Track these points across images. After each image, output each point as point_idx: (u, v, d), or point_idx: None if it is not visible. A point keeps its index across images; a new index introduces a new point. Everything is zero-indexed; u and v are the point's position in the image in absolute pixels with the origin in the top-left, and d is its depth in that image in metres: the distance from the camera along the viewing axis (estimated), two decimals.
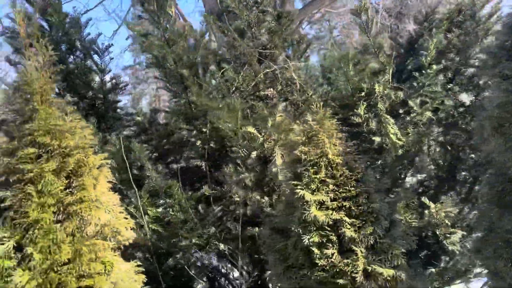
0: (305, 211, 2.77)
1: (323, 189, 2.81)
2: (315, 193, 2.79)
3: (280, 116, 4.08)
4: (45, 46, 2.97)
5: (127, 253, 3.05)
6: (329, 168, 2.88)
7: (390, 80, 5.24)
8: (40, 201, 2.51)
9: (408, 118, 5.62)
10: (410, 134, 4.97)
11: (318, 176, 2.83)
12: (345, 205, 2.80)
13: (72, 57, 5.28)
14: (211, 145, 5.36)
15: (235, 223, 4.78)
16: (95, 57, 5.14)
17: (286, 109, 5.35)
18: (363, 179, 2.92)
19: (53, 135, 2.66)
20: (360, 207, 2.81)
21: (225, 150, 5.49)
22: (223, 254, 5.01)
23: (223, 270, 5.11)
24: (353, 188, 2.85)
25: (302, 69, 6.29)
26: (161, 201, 4.75)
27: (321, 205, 2.81)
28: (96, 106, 5.23)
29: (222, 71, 5.61)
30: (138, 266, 2.95)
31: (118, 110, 5.29)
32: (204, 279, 4.95)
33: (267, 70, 5.89)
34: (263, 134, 4.02)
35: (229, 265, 5.13)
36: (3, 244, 2.40)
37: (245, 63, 5.95)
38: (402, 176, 5.42)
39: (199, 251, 4.83)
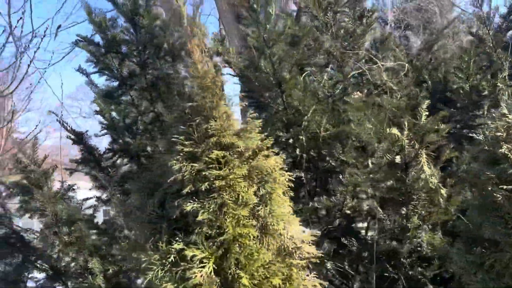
0: None
1: None
2: None
3: (426, 114, 3.66)
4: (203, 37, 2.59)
5: None
6: None
7: (507, 78, 4.81)
8: (235, 213, 2.07)
9: None
10: None
11: None
12: None
13: (159, 62, 4.89)
14: (311, 153, 4.95)
15: (352, 238, 4.32)
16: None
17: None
18: None
19: (238, 135, 2.24)
20: None
21: (321, 159, 5.08)
22: (335, 274, 4.52)
23: None
24: None
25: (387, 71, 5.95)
26: None
27: None
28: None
29: (304, 74, 5.25)
30: None
31: None
32: None
33: (355, 72, 5.51)
34: (405, 135, 3.60)
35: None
36: (204, 267, 1.95)
37: (327, 65, 5.59)
38: None
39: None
